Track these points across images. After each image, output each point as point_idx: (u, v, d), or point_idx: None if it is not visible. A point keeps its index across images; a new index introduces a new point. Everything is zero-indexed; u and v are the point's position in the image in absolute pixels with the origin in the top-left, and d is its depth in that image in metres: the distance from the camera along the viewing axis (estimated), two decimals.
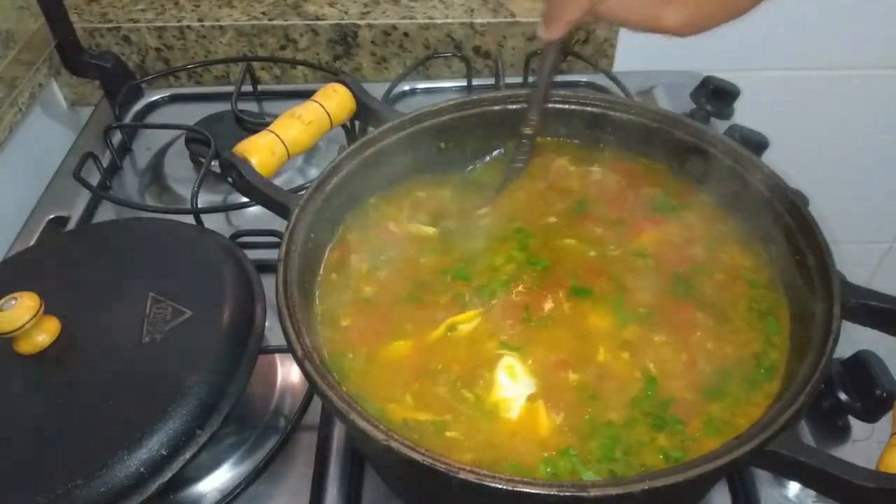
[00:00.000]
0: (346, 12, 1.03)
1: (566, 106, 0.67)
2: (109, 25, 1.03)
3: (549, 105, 0.66)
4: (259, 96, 1.03)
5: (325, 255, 0.60)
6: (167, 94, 1.06)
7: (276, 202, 0.58)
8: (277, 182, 0.67)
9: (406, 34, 1.03)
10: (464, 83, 1.02)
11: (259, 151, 0.60)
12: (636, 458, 0.48)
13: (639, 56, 1.03)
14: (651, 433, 0.49)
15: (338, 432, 0.63)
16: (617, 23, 0.51)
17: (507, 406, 0.51)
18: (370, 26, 1.03)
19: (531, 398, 0.51)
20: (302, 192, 0.58)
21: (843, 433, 0.63)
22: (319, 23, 1.03)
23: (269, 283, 0.55)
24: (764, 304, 0.57)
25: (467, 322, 0.55)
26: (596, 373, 0.52)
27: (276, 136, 0.62)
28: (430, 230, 0.63)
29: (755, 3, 0.46)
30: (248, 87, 1.01)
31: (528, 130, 0.63)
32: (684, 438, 0.49)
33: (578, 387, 0.52)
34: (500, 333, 0.55)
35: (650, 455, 0.48)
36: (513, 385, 0.52)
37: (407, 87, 1.04)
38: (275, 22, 1.03)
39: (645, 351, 0.54)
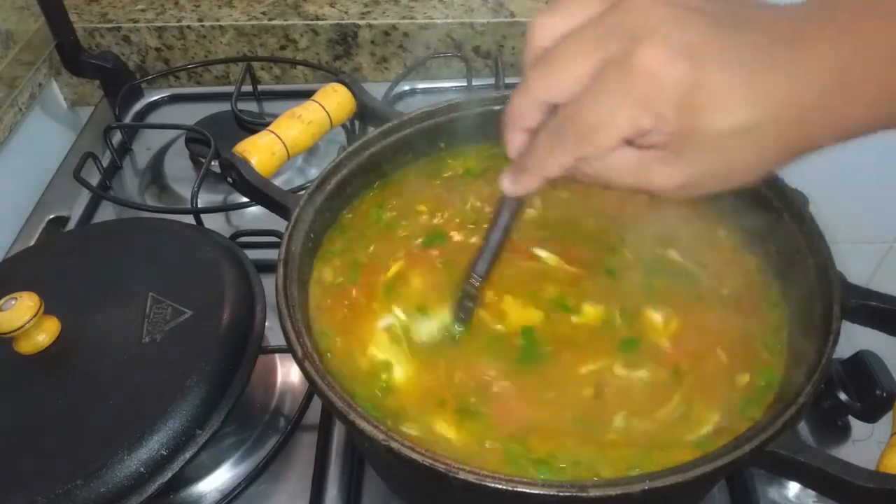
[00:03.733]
0: (346, 12, 1.03)
1: None
2: (109, 25, 1.03)
3: None
4: (259, 96, 1.03)
5: (325, 255, 0.60)
6: (167, 94, 1.05)
7: (275, 202, 0.58)
8: (277, 182, 0.67)
9: (406, 34, 1.03)
10: (464, 83, 1.02)
11: (259, 151, 0.60)
12: None
13: None
14: None
15: (338, 432, 0.63)
16: (599, 183, 0.41)
17: None
18: (370, 26, 1.03)
19: None
20: (302, 192, 0.58)
21: (843, 433, 0.63)
22: (319, 23, 1.03)
23: (269, 283, 0.55)
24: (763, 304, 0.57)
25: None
26: None
27: (276, 136, 0.62)
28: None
29: (765, 172, 0.39)
30: (248, 87, 1.01)
31: (474, 286, 0.52)
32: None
33: None
34: None
35: None
36: None
37: (407, 87, 1.03)
38: (275, 22, 1.03)
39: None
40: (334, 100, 0.65)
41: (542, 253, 0.59)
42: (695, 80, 0.35)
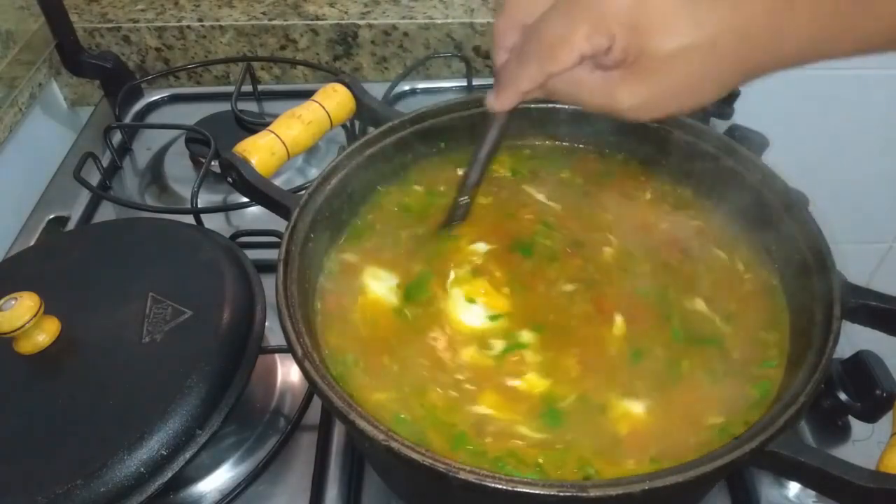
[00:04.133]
0: (346, 12, 1.03)
1: (564, 106, 0.67)
2: (109, 25, 1.03)
3: (546, 105, 0.66)
4: (259, 96, 1.03)
5: (325, 255, 0.60)
6: (167, 94, 1.06)
7: (276, 202, 0.58)
8: (277, 182, 0.67)
9: (406, 34, 1.03)
10: (464, 83, 1.02)
11: (259, 151, 0.60)
12: None
13: None
14: None
15: (338, 432, 0.63)
16: (569, 101, 0.45)
17: None
18: (370, 26, 1.03)
19: None
20: (302, 192, 0.58)
21: (843, 433, 0.63)
22: (319, 23, 1.03)
23: (269, 283, 0.55)
24: (763, 305, 0.56)
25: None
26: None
27: (276, 136, 0.61)
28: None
29: (719, 93, 0.42)
30: (248, 87, 1.01)
31: (463, 199, 0.58)
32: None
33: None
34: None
35: None
36: None
37: (407, 87, 1.04)
38: (275, 22, 1.03)
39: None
40: (334, 100, 0.65)
41: (618, 319, 0.55)
42: (641, 2, 0.38)
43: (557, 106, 0.66)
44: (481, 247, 0.60)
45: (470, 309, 0.56)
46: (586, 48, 0.40)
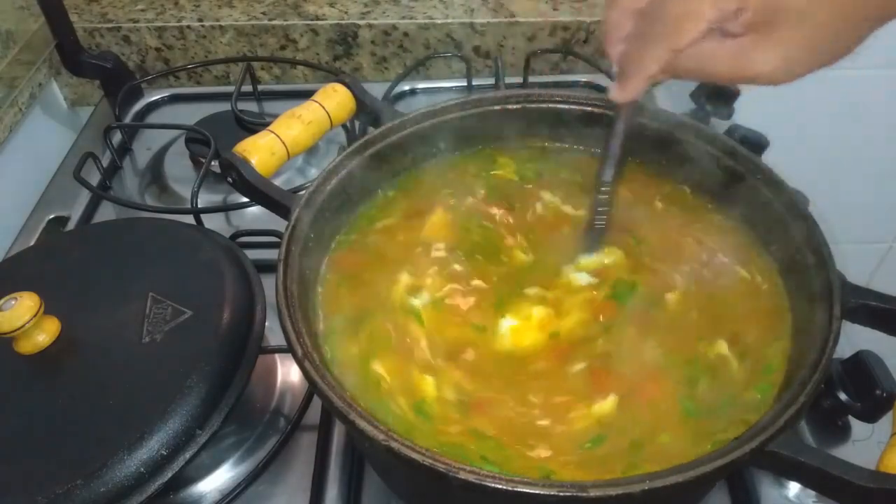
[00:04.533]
0: (346, 12, 1.03)
1: (566, 106, 0.67)
2: (109, 25, 1.03)
3: (547, 105, 0.67)
4: (259, 96, 1.03)
5: (326, 255, 0.60)
6: (167, 94, 1.06)
7: (276, 202, 0.58)
8: (277, 182, 0.67)
9: (406, 34, 1.03)
10: (464, 83, 1.02)
11: (259, 151, 0.60)
12: None
13: None
14: None
15: (338, 432, 0.63)
16: (700, 76, 0.43)
17: None
18: (370, 26, 1.03)
19: None
20: (302, 192, 0.58)
21: (843, 433, 0.62)
22: (319, 23, 1.03)
23: (269, 283, 0.55)
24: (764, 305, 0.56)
25: None
26: None
27: (276, 136, 0.61)
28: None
29: (858, 42, 0.39)
30: (248, 87, 1.01)
31: (603, 195, 0.56)
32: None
33: None
34: None
35: None
36: None
37: (407, 87, 1.04)
38: (275, 22, 1.03)
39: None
40: (334, 100, 0.65)
41: (610, 398, 0.51)
42: None
43: (557, 106, 0.67)
44: (583, 278, 0.58)
45: (500, 322, 0.55)
46: (714, 15, 0.38)
